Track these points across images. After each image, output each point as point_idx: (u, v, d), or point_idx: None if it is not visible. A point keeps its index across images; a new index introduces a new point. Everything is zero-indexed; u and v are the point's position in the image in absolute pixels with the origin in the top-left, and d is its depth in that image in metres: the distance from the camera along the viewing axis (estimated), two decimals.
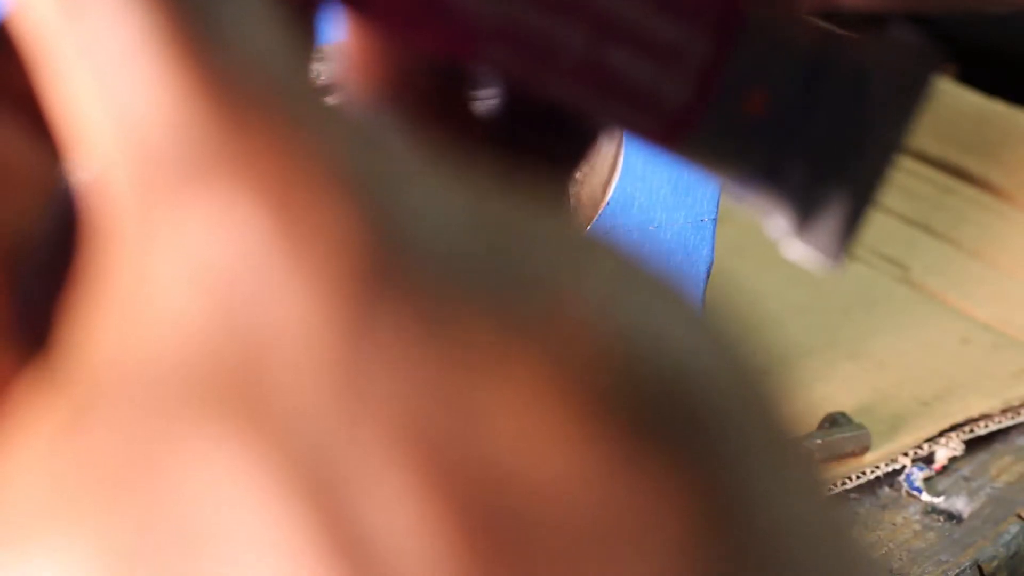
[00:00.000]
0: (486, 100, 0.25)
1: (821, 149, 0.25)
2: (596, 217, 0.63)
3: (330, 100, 0.16)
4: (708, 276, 0.67)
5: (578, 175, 0.27)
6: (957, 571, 0.71)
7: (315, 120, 0.16)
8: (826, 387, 0.80)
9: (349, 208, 0.15)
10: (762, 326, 0.16)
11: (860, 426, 0.76)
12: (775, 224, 0.25)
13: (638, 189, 0.65)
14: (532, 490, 0.14)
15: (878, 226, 0.94)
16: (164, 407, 0.15)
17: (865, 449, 0.75)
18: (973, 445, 0.79)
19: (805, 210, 0.25)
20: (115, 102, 0.16)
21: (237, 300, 0.15)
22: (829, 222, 0.25)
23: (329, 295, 0.15)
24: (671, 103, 0.24)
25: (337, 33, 0.23)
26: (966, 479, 0.77)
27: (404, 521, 0.14)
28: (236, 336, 0.15)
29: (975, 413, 0.80)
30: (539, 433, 0.14)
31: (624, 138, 0.25)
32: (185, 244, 0.15)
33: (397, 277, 0.15)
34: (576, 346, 0.15)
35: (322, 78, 0.18)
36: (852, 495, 0.75)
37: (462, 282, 0.15)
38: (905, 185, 1.00)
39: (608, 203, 0.64)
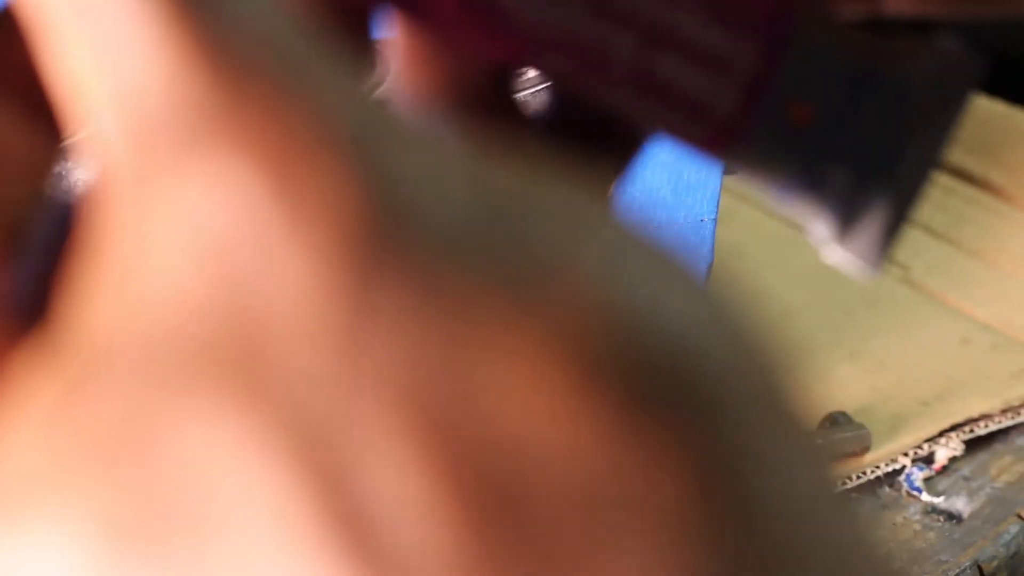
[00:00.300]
0: (535, 102, 0.25)
1: (864, 157, 0.25)
2: None
3: (330, 68, 0.16)
4: (708, 276, 0.67)
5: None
6: (957, 571, 0.71)
7: (314, 87, 0.16)
8: (826, 387, 0.80)
9: (348, 175, 0.15)
10: (768, 323, 0.16)
11: (860, 426, 0.76)
12: (816, 230, 0.25)
13: (638, 189, 0.65)
14: (530, 459, 0.14)
15: None
16: (162, 376, 0.15)
17: (865, 449, 0.76)
18: (973, 445, 0.79)
19: (847, 217, 0.25)
20: (112, 69, 0.16)
21: (235, 268, 0.15)
22: (870, 229, 0.25)
23: (327, 262, 0.15)
24: (719, 111, 0.24)
25: (389, 34, 0.23)
26: (966, 479, 0.77)
27: (403, 489, 0.14)
28: (234, 304, 0.15)
29: (975, 413, 0.80)
30: (538, 402, 0.14)
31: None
32: (182, 212, 0.15)
33: (396, 244, 0.15)
34: (575, 316, 0.15)
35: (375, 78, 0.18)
36: (852, 495, 0.75)
37: (461, 251, 0.15)
38: None
39: None
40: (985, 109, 1.06)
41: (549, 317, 0.15)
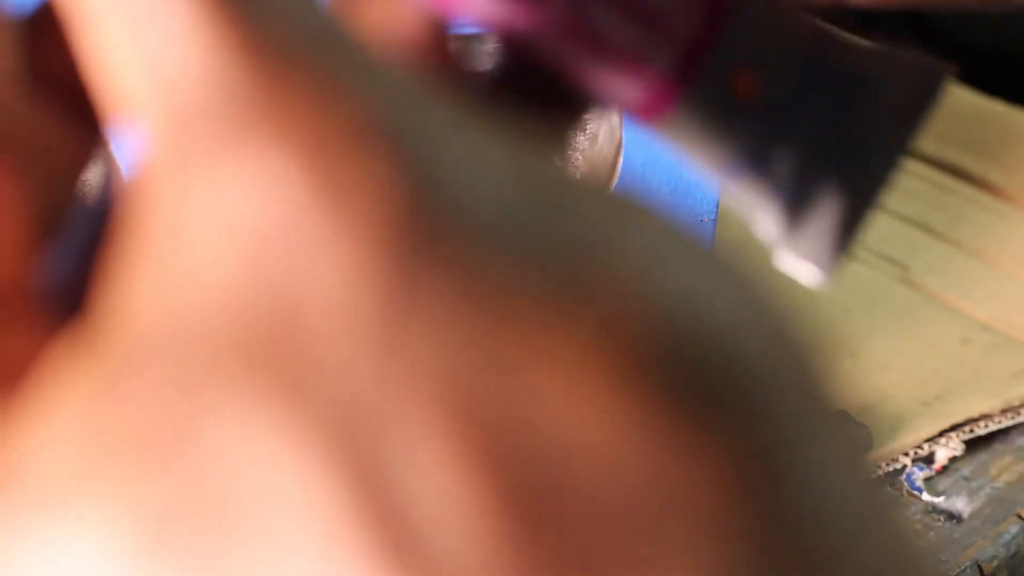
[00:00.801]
0: (482, 58, 0.24)
1: (813, 145, 0.24)
2: None
3: (369, 55, 0.16)
4: None
5: (570, 145, 0.27)
6: (957, 571, 0.71)
7: (353, 75, 0.15)
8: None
9: (388, 165, 0.15)
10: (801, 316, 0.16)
11: (862, 426, 0.76)
12: (765, 226, 0.25)
13: (637, 189, 0.65)
14: (573, 459, 0.14)
15: (877, 226, 0.94)
16: (199, 371, 0.14)
17: (867, 449, 0.75)
18: (973, 445, 0.79)
19: (794, 209, 0.24)
20: (151, 60, 0.16)
21: (273, 259, 0.15)
22: (821, 228, 0.25)
23: (367, 254, 0.14)
24: (654, 72, 0.24)
25: None
26: (966, 479, 0.77)
27: (444, 490, 0.13)
28: (272, 296, 0.14)
29: (975, 413, 0.80)
30: (581, 401, 0.14)
31: (616, 121, 0.25)
32: (221, 202, 0.15)
33: (438, 237, 0.14)
34: (619, 313, 0.14)
35: None
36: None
37: (504, 244, 0.15)
38: (904, 185, 1.00)
39: None
40: (985, 109, 1.06)
41: (593, 313, 0.14)
